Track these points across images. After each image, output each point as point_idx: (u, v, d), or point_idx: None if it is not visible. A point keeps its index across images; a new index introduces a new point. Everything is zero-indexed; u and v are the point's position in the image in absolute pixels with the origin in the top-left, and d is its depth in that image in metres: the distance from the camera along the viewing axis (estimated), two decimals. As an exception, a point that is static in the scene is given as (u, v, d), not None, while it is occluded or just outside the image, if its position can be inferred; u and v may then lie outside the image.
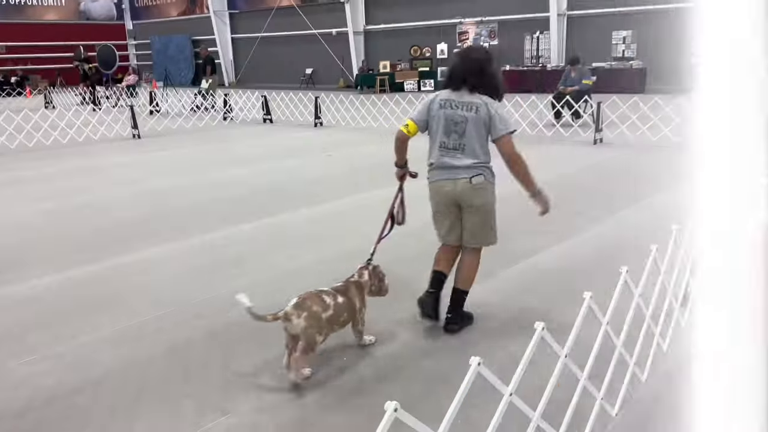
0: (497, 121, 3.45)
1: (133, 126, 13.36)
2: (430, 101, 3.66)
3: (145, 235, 5.88)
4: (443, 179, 3.67)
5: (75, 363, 3.41)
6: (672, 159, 8.72)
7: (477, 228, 3.67)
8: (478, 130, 3.49)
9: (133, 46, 41.17)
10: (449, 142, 3.59)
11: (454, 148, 3.57)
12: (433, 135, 3.68)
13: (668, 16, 20.35)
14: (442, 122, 3.57)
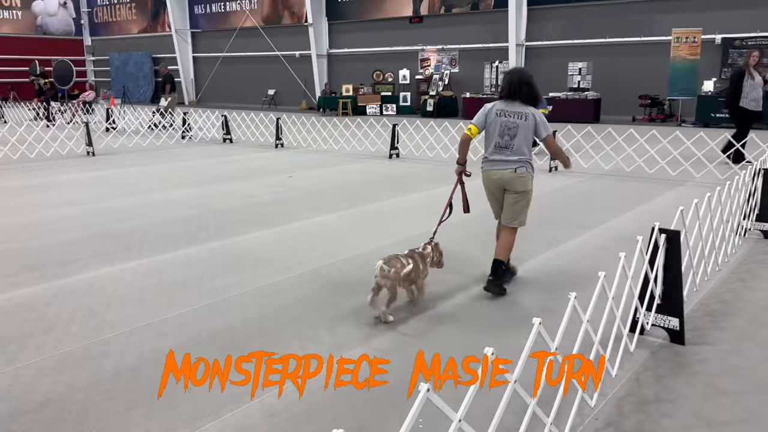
0: (541, 127, 4.59)
1: (88, 143, 13.07)
2: (488, 111, 4.69)
3: (94, 255, 5.71)
4: (494, 169, 4.71)
5: (10, 390, 3.26)
6: (623, 187, 8.95)
7: (514, 209, 4.68)
8: (527, 133, 4.58)
9: (91, 62, 40.45)
10: (502, 142, 4.63)
11: (505, 146, 4.61)
12: (490, 135, 4.71)
13: (622, 49, 21.10)
14: (498, 127, 4.62)
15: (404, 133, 14.86)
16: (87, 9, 39.93)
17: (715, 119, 17.96)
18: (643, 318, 3.71)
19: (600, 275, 2.81)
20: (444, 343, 3.76)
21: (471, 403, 1.86)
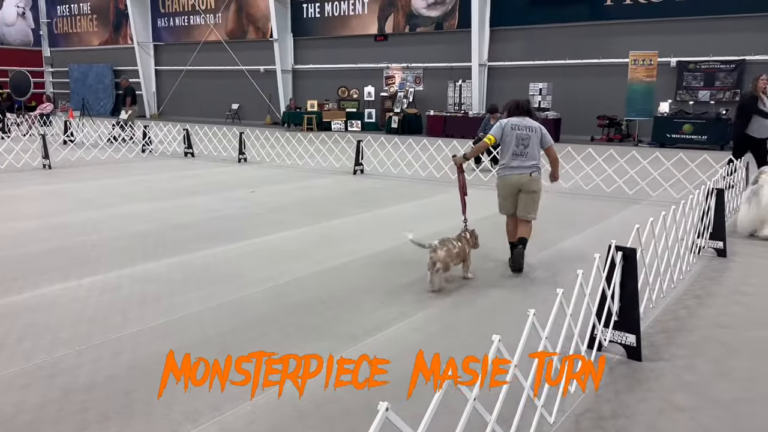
0: (547, 138, 5.74)
1: (44, 156, 12.73)
2: (504, 125, 5.66)
3: (47, 270, 5.54)
4: (511, 174, 5.66)
5: (-45, 411, 3.12)
6: (582, 205, 9.14)
7: (530, 205, 5.70)
8: (537, 143, 5.65)
9: (50, 74, 39.54)
10: (518, 150, 5.61)
11: (521, 154, 5.61)
12: (507, 146, 5.65)
13: (581, 71, 21.64)
14: (515, 138, 5.61)
15: (369, 149, 14.90)
16: (46, 19, 39.11)
17: (671, 139, 18.51)
18: (601, 334, 3.77)
19: (558, 292, 2.84)
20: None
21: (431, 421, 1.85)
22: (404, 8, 25.11)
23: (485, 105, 23.25)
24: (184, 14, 32.12)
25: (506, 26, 22.75)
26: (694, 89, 19.68)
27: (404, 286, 5.20)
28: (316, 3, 27.45)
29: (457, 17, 23.72)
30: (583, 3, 21.11)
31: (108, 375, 3.53)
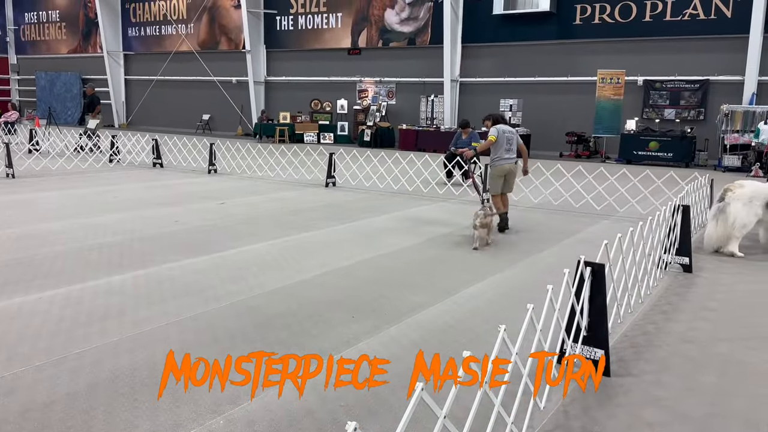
0: (520, 140, 8.33)
1: (8, 165, 12.41)
2: (498, 130, 8.09)
3: (7, 283, 5.36)
4: (504, 162, 8.15)
5: None
6: (550, 220, 9.23)
7: (512, 183, 8.36)
8: (515, 142, 8.21)
9: (16, 81, 38.71)
10: (507, 147, 8.12)
11: (509, 150, 8.15)
12: (500, 144, 8.08)
13: (551, 88, 21.99)
14: (505, 139, 8.10)
15: (341, 162, 14.87)
16: (13, 26, 38.34)
17: (638, 156, 18.88)
18: (570, 349, 3.78)
19: (528, 307, 2.84)
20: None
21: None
22: (378, 23, 25.26)
23: (456, 120, 23.44)
24: (155, 24, 31.81)
25: (478, 43, 23.03)
26: (660, 107, 20.14)
27: (376, 300, 5.16)
28: (289, 16, 27.44)
29: (430, 33, 23.94)
30: (552, 22, 21.50)
31: (67, 392, 3.41)
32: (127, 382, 3.55)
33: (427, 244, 7.34)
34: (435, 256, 6.76)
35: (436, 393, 3.42)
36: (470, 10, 22.92)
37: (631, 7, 20.22)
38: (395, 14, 24.78)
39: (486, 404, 2.73)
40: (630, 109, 20.12)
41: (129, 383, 3.54)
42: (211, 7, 29.62)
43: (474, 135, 13.13)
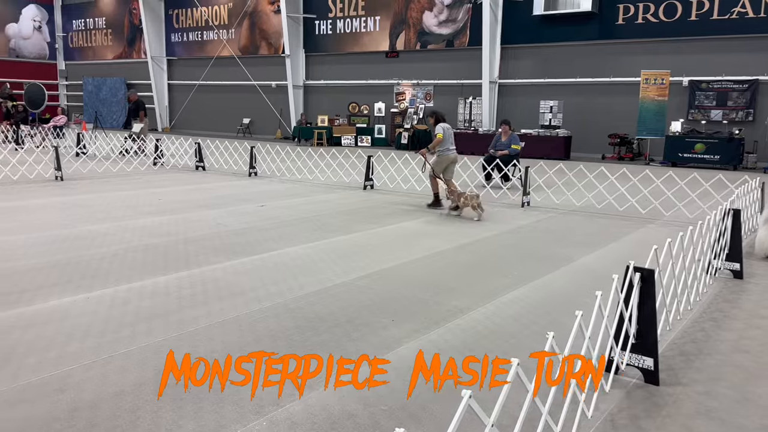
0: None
1: (57, 167, 12.80)
2: (445, 128, 9.85)
3: (56, 283, 5.52)
4: (449, 153, 9.90)
5: (-40, 425, 3.07)
6: (594, 224, 9.04)
7: (452, 172, 10.01)
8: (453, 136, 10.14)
9: (64, 87, 39.99)
10: (451, 140, 9.92)
11: (452, 143, 9.93)
12: (447, 139, 9.85)
13: (592, 89, 21.62)
14: (450, 135, 9.92)
15: (379, 164, 14.89)
16: (62, 33, 39.65)
17: (683, 159, 18.40)
18: (618, 357, 3.69)
19: (577, 314, 2.77)
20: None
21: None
22: (415, 26, 25.24)
23: (495, 122, 23.25)
24: (197, 29, 32.45)
25: (517, 44, 22.81)
26: (707, 108, 19.59)
27: (415, 303, 5.13)
28: (328, 20, 27.65)
29: (468, 35, 23.81)
30: (594, 22, 21.14)
31: (115, 391, 3.47)
32: (172, 381, 3.60)
33: (466, 248, 7.28)
34: (474, 260, 6.69)
35: (480, 393, 3.38)
36: (509, 11, 22.72)
37: (676, 6, 19.74)
38: (433, 16, 24.72)
39: (533, 412, 2.67)
40: (675, 110, 19.63)
41: (174, 383, 3.58)
42: (251, 12, 30.06)
43: (514, 137, 12.98)
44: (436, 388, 3.46)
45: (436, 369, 3.49)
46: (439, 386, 3.46)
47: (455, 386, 3.15)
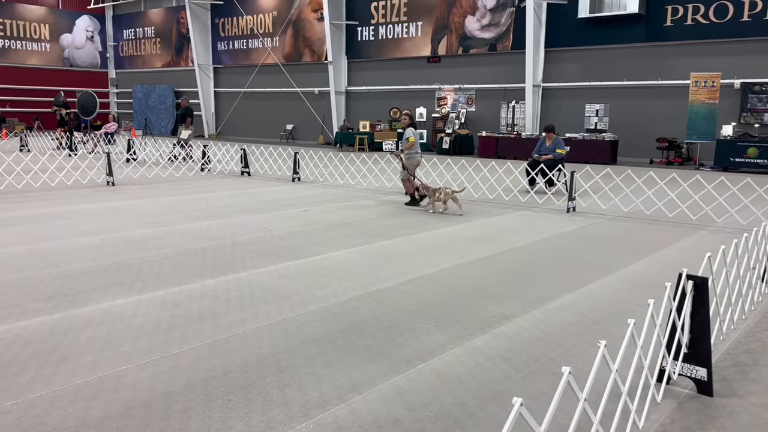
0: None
1: (108, 173, 13.22)
2: (415, 132, 10.62)
3: (110, 285, 5.70)
4: (418, 156, 10.76)
5: (20, 422, 3.20)
6: (643, 230, 8.84)
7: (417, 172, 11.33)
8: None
9: (115, 94, 41.30)
10: (418, 144, 10.67)
11: (420, 146, 10.78)
12: (417, 143, 10.63)
13: (639, 92, 21.15)
14: (418, 139, 10.66)
15: (421, 169, 14.89)
16: (113, 43, 40.99)
17: (735, 163, 17.82)
18: (670, 367, 3.60)
19: (629, 322, 2.72)
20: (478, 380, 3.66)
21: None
22: (458, 30, 25.18)
23: (539, 126, 22.97)
24: (243, 38, 33.08)
25: (561, 47, 22.51)
26: (760, 111, 18.94)
27: (459, 309, 5.11)
28: (370, 26, 27.83)
29: (511, 39, 23.61)
30: (641, 24, 20.70)
31: (166, 391, 3.57)
32: (221, 383, 3.68)
33: (509, 254, 7.21)
34: (518, 266, 6.62)
35: (527, 402, 3.34)
36: (553, 15, 22.45)
37: (727, 7, 19.16)
38: (476, 21, 24.62)
39: (583, 422, 2.63)
40: (726, 113, 19.04)
41: (223, 384, 3.66)
42: (295, 20, 30.48)
43: (559, 141, 12.80)
44: (481, 396, 3.44)
45: (483, 376, 3.47)
46: (486, 393, 3.45)
47: (502, 394, 3.13)
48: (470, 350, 4.25)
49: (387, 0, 27.10)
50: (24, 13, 37.49)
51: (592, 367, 3.82)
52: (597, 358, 2.35)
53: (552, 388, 3.65)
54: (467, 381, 3.75)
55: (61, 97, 25.19)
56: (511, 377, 3.82)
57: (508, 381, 3.76)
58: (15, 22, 37.13)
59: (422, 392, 3.59)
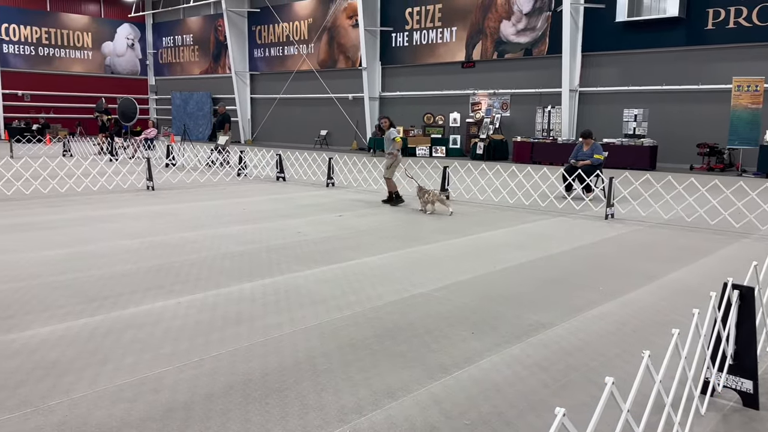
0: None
1: (148, 178, 13.50)
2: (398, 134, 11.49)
3: (150, 288, 5.81)
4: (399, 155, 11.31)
5: (65, 421, 3.29)
6: (684, 238, 8.64)
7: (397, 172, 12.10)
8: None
9: (154, 101, 42.24)
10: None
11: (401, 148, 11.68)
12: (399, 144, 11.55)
13: (679, 96, 20.72)
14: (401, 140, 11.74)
15: (455, 175, 14.84)
16: (153, 50, 41.94)
17: (780, 170, 17.31)
18: (715, 379, 3.50)
19: (674, 332, 2.66)
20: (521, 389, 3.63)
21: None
22: (493, 35, 25.06)
23: (575, 131, 22.69)
24: (278, 45, 33.51)
25: (599, 51, 22.21)
26: (807, 116, 18.36)
27: (495, 317, 5.06)
28: (404, 32, 27.89)
29: (547, 43, 23.40)
30: (681, 28, 20.30)
31: (206, 393, 3.62)
32: (259, 385, 3.72)
33: (545, 261, 7.13)
34: (555, 274, 6.54)
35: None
36: (590, 19, 22.18)
37: (772, 8, 18.67)
38: (511, 25, 24.47)
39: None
40: (771, 118, 18.53)
41: (261, 387, 3.70)
42: (330, 27, 30.75)
43: (596, 146, 12.62)
44: (519, 405, 3.40)
45: (520, 384, 3.44)
46: (524, 402, 3.41)
47: (540, 403, 3.10)
48: (507, 358, 4.21)
49: (422, 6, 27.14)
50: (68, 22, 38.65)
51: (632, 377, 3.76)
52: (641, 368, 2.30)
53: (591, 398, 3.59)
54: (504, 389, 3.71)
55: (103, 103, 25.86)
56: (549, 386, 3.76)
57: (546, 390, 3.71)
58: (59, 31, 38.30)
59: (459, 400, 3.57)
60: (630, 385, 3.66)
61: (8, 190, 12.69)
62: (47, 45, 37.87)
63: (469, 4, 25.63)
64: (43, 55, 37.79)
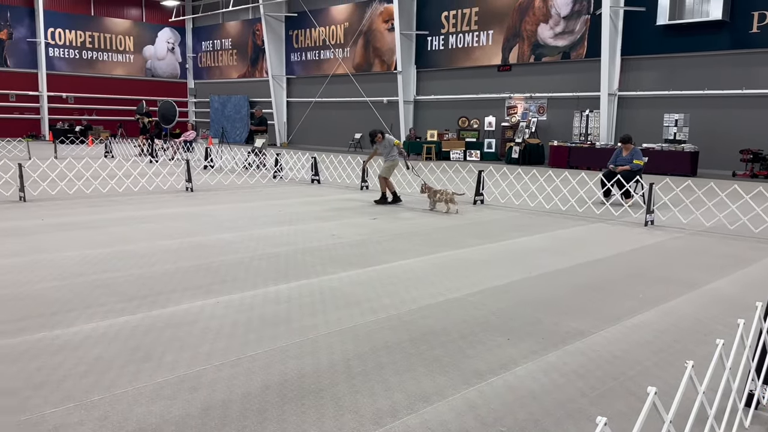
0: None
1: (188, 179, 13.76)
2: (391, 139, 11.97)
3: (189, 287, 5.92)
4: (396, 160, 11.94)
5: (106, 416, 3.37)
6: (726, 246, 8.42)
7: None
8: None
9: (193, 104, 43.02)
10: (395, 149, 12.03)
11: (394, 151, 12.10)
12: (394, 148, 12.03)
13: (722, 101, 20.22)
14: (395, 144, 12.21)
15: (490, 179, 14.74)
16: (192, 54, 42.75)
17: (828, 177, 16.73)
18: (760, 391, 3.40)
19: (718, 342, 2.60)
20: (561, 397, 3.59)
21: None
22: (530, 39, 24.85)
23: (614, 136, 22.33)
24: (315, 49, 33.82)
25: (639, 55, 21.83)
26: None
27: (531, 323, 5.01)
28: (440, 36, 27.86)
29: (586, 46, 23.10)
30: (724, 31, 19.81)
31: (243, 392, 3.67)
32: (295, 386, 3.75)
33: (583, 267, 7.03)
34: (592, 280, 6.44)
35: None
36: (630, 22, 21.82)
37: (821, 10, 18.09)
38: (549, 29, 24.23)
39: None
40: (819, 123, 17.93)
41: (297, 388, 3.73)
42: (366, 31, 30.91)
43: (636, 151, 12.39)
44: (556, 413, 3.36)
45: (557, 392, 3.39)
46: (561, 411, 3.36)
47: (578, 412, 3.05)
48: (543, 365, 4.16)
49: (458, 9, 27.08)
50: (111, 27, 39.68)
51: (671, 388, 3.68)
52: (684, 379, 2.25)
53: (630, 408, 3.52)
54: (541, 397, 3.67)
55: (144, 106, 26.45)
56: (586, 395, 3.71)
57: (583, 399, 3.66)
58: (102, 35, 39.35)
59: (494, 406, 3.54)
60: (669, 395, 3.58)
61: (53, 189, 13.07)
62: (90, 48, 38.93)
63: (505, 7, 25.47)
64: (87, 58, 38.86)
